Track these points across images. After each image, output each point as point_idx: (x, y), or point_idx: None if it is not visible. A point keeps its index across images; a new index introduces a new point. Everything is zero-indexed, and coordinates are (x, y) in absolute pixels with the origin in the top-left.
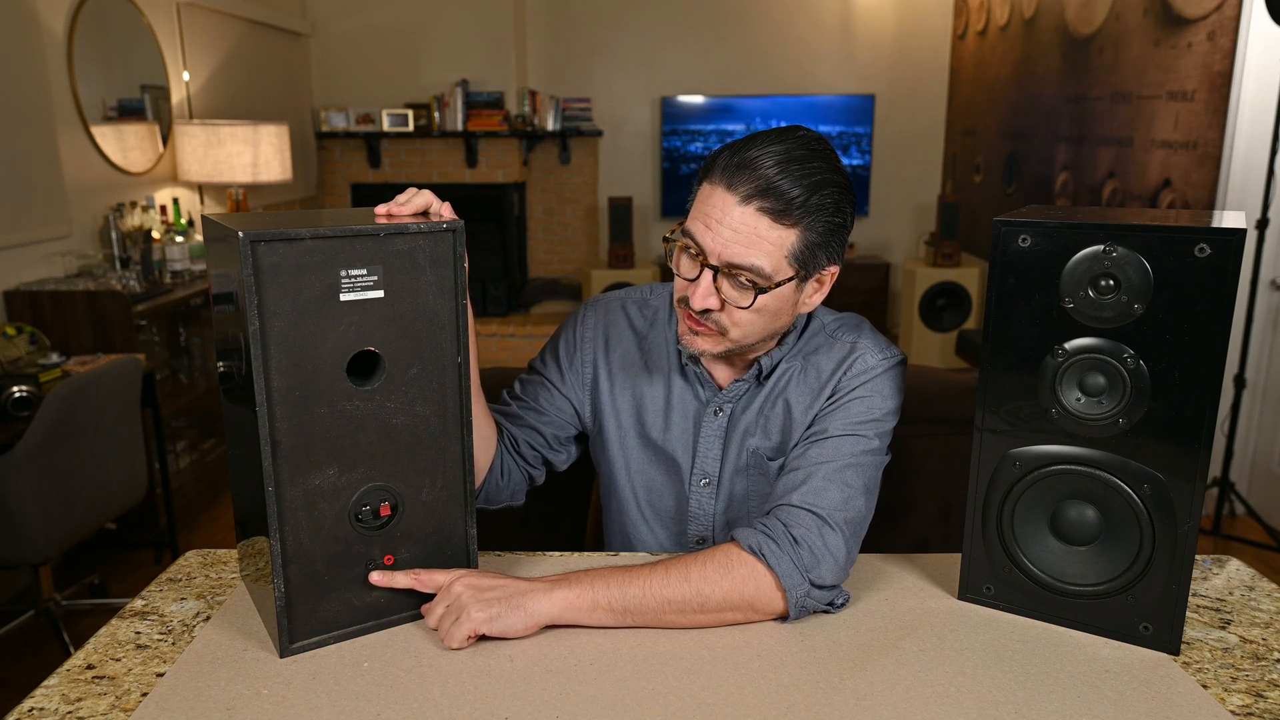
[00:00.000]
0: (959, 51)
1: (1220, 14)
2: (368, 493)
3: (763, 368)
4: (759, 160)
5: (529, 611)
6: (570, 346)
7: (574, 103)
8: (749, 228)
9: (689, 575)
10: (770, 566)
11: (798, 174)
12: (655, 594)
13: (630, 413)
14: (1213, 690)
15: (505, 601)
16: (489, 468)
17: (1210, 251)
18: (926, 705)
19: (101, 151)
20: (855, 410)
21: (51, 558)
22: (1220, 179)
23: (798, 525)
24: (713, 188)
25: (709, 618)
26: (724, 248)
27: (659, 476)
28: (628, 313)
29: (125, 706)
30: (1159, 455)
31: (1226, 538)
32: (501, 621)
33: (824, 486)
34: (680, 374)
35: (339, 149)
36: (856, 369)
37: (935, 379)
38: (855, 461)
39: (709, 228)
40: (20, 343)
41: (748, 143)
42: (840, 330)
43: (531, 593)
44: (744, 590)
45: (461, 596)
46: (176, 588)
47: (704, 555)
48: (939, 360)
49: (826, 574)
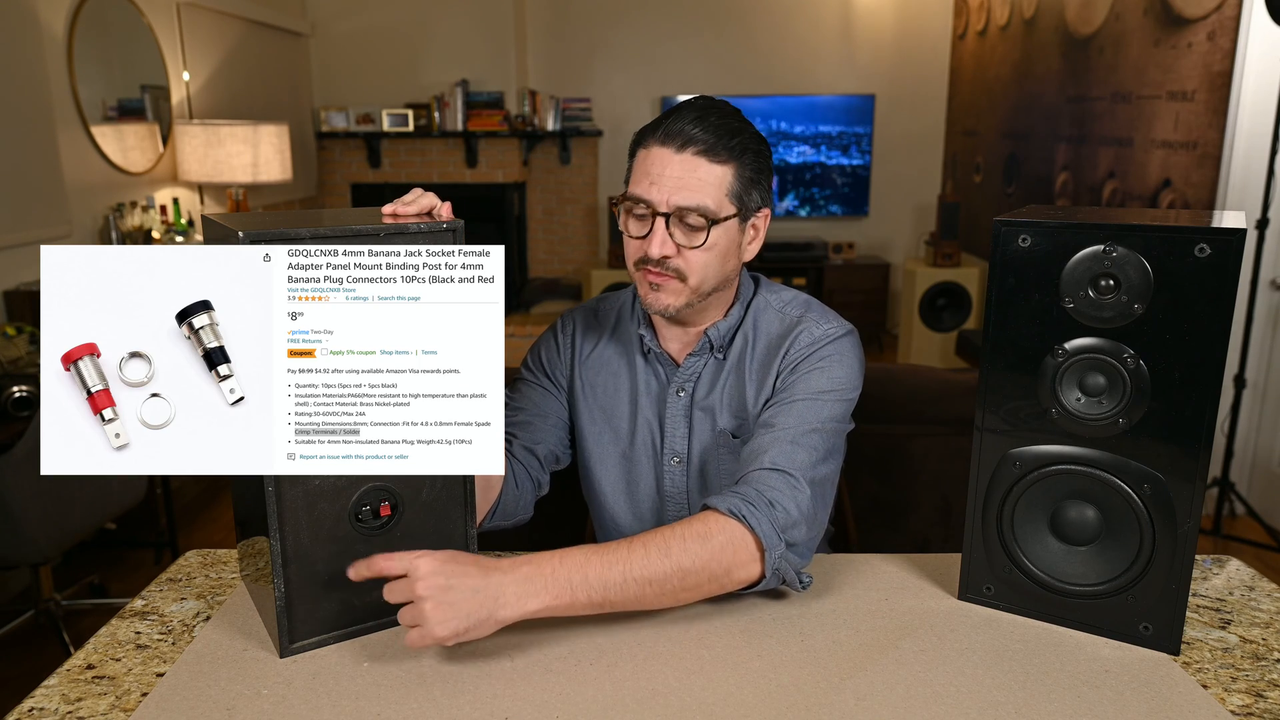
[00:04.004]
0: (959, 51)
1: (1220, 14)
2: (368, 493)
3: (711, 339)
4: (682, 118)
5: (500, 621)
6: (551, 352)
7: (574, 103)
8: (689, 171)
9: (669, 549)
10: (750, 527)
11: (717, 122)
12: (635, 575)
13: (603, 407)
14: (1213, 690)
15: (473, 615)
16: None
17: (1210, 251)
18: (926, 705)
19: (101, 151)
20: (814, 381)
21: (51, 558)
22: (1220, 179)
23: (770, 488)
24: (648, 150)
25: (688, 594)
26: (671, 193)
27: (634, 464)
28: (598, 314)
29: (125, 706)
30: (1159, 455)
31: (1226, 538)
32: (469, 636)
33: (791, 450)
34: (643, 358)
35: (339, 149)
36: (803, 340)
37: (935, 379)
38: (819, 426)
39: (653, 182)
40: (20, 343)
41: (667, 113)
42: (787, 307)
43: (503, 602)
44: (722, 557)
45: (425, 606)
46: (176, 588)
47: (680, 526)
48: (939, 360)
49: (799, 533)
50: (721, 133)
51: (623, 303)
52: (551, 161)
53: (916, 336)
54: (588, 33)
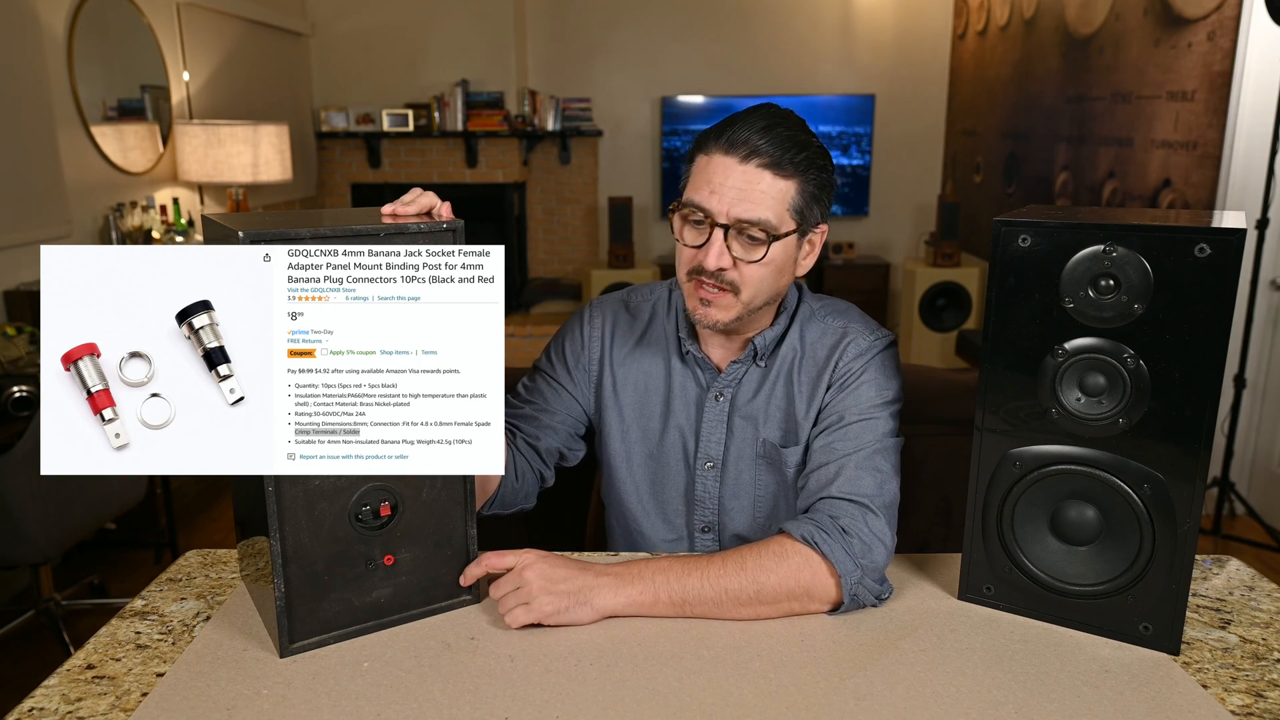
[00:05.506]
0: (959, 51)
1: (1220, 14)
2: (368, 492)
3: (757, 348)
4: (749, 127)
5: (596, 608)
6: (576, 345)
7: (574, 103)
8: (752, 184)
9: (744, 564)
10: (824, 555)
11: (784, 134)
12: (714, 584)
13: (633, 405)
14: (1213, 690)
15: (574, 595)
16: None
17: (1210, 251)
18: (926, 705)
19: (101, 151)
20: (865, 395)
21: (51, 558)
22: (1220, 179)
23: (843, 516)
24: (709, 157)
25: (767, 608)
26: (732, 205)
27: (662, 465)
28: (630, 308)
29: (125, 706)
30: (1159, 455)
31: (1226, 538)
32: (568, 615)
33: (858, 475)
34: (680, 359)
35: (339, 149)
36: (851, 352)
37: (935, 379)
38: (880, 446)
39: (714, 191)
40: (20, 343)
41: (732, 120)
42: (829, 315)
43: (599, 589)
44: (800, 577)
45: (533, 585)
46: (176, 588)
47: (756, 546)
48: (939, 360)
49: (878, 558)
50: (788, 146)
51: (657, 298)
52: (551, 161)
53: (916, 336)
54: (588, 33)
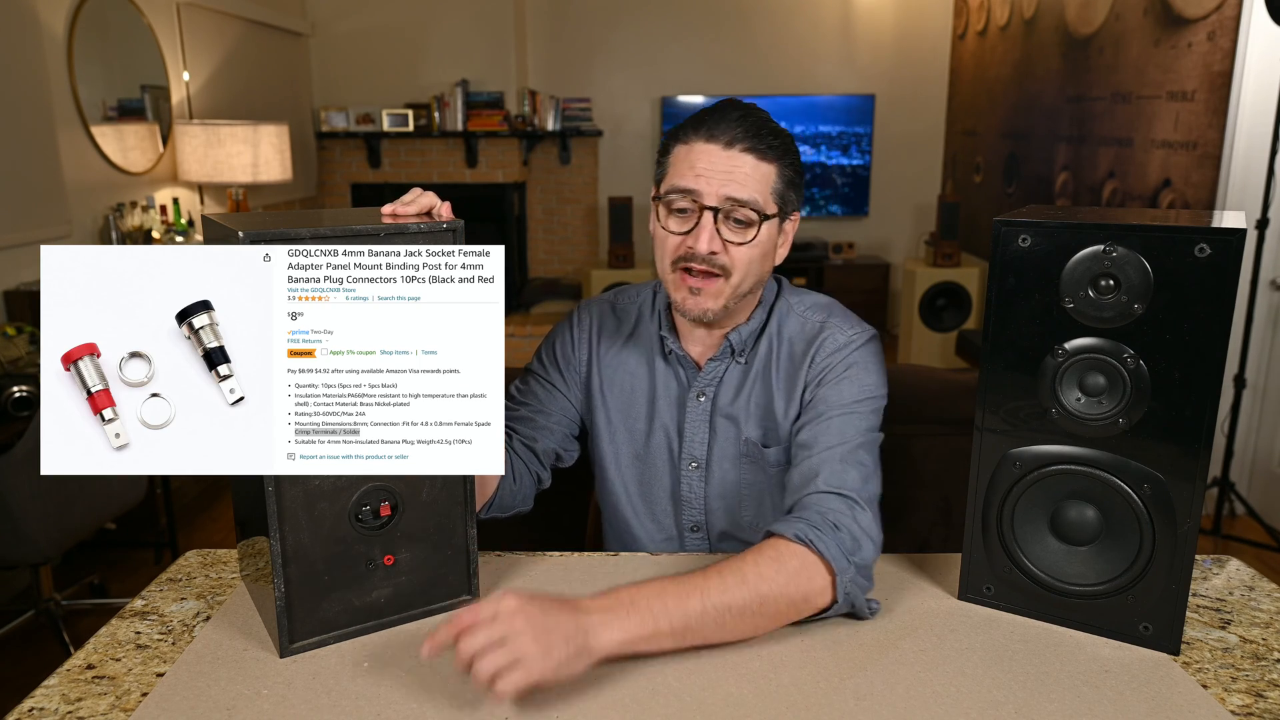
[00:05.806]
0: (959, 51)
1: (1220, 14)
2: (368, 493)
3: (733, 344)
4: (725, 117)
5: (594, 655)
6: (566, 346)
7: (574, 103)
8: (737, 167)
9: (745, 576)
10: (820, 553)
11: (760, 121)
12: (715, 603)
13: (620, 406)
14: (1213, 690)
15: (572, 642)
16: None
17: (1210, 251)
18: (926, 705)
19: (101, 151)
20: (847, 390)
21: (51, 558)
22: (1220, 179)
23: (830, 510)
24: (690, 146)
25: (767, 621)
26: (720, 186)
27: (649, 466)
28: (616, 310)
29: (125, 706)
30: (1159, 455)
31: (1226, 538)
32: (566, 670)
33: (842, 469)
34: (663, 358)
35: (339, 149)
36: (829, 346)
37: (935, 379)
38: (863, 440)
39: (700, 174)
40: (20, 343)
41: (706, 112)
42: (808, 309)
43: (593, 631)
44: (799, 583)
45: (522, 640)
46: (176, 588)
47: (751, 554)
48: (939, 360)
49: (867, 554)
50: (765, 133)
51: (642, 300)
52: (551, 161)
53: (916, 336)
54: (588, 33)
